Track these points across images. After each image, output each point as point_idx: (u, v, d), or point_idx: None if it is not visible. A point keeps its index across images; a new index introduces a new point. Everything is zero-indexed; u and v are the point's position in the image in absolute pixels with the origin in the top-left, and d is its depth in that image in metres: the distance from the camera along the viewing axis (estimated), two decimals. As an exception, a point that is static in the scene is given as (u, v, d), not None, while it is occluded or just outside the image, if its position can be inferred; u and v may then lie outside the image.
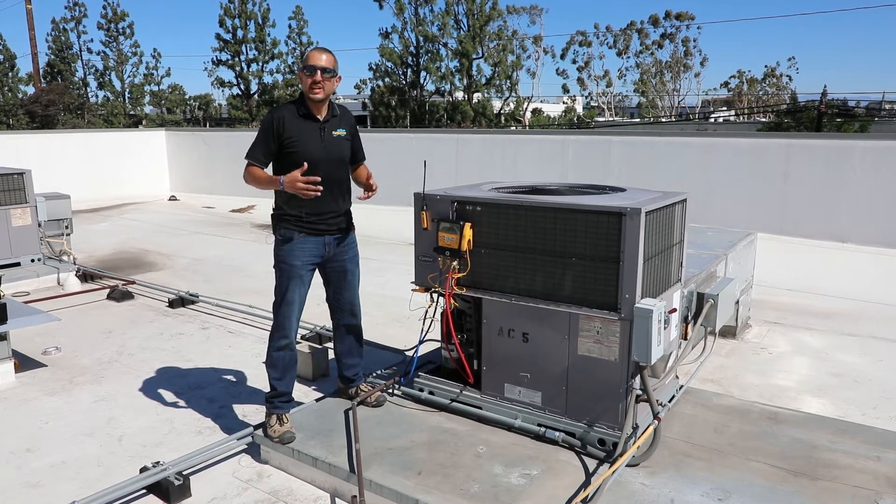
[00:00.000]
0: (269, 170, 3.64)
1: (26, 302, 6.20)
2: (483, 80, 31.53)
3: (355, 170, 3.95)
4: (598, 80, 45.51)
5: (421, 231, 3.83)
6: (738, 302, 5.37)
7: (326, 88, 3.57)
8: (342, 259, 3.83)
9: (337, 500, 3.34)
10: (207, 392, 4.66)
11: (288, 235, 3.64)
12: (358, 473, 3.21)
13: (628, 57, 44.70)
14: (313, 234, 3.67)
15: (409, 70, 31.82)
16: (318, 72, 3.53)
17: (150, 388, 4.73)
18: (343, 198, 3.77)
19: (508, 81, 32.06)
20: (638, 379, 3.35)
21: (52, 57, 35.09)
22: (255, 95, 35.91)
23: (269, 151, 3.57)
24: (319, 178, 3.45)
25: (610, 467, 3.19)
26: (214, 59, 35.21)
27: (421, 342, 4.07)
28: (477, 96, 31.42)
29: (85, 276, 7.78)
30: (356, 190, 3.96)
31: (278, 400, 3.70)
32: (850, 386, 4.77)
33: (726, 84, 47.22)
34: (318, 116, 3.63)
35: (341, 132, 3.73)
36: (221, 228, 11.76)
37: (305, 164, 3.44)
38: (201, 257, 9.24)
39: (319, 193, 3.47)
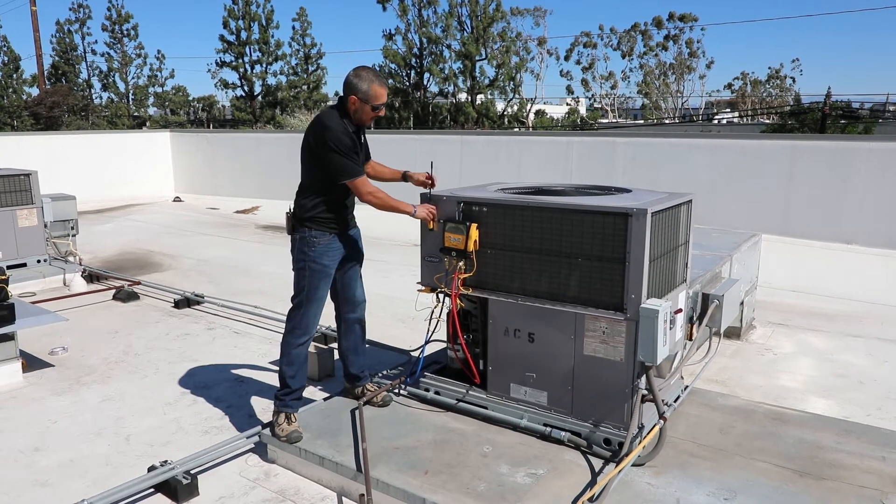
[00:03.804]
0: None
1: (33, 302, 6.23)
2: (486, 82, 31.56)
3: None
4: (603, 81, 45.53)
5: (427, 232, 3.85)
6: (742, 303, 5.37)
7: None
8: (358, 252, 3.93)
9: (344, 499, 3.36)
10: (214, 392, 4.68)
11: (321, 236, 3.69)
12: (365, 472, 3.23)
13: (632, 59, 44.70)
14: (343, 232, 3.77)
15: (413, 72, 31.88)
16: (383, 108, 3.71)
17: (157, 388, 4.75)
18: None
19: (512, 83, 32.09)
20: (643, 379, 3.36)
21: (57, 59, 35.24)
22: (259, 97, 35.99)
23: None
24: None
25: (616, 467, 3.20)
26: (218, 60, 35.36)
27: (427, 342, 4.09)
28: (480, 98, 31.44)
29: (91, 277, 7.81)
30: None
31: (289, 398, 3.73)
32: (855, 387, 4.78)
33: (730, 86, 47.22)
34: (358, 129, 3.76)
35: (363, 139, 3.85)
36: (226, 229, 11.79)
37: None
38: (206, 258, 9.26)
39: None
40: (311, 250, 3.69)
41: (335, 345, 5.16)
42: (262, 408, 4.37)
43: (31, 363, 5.17)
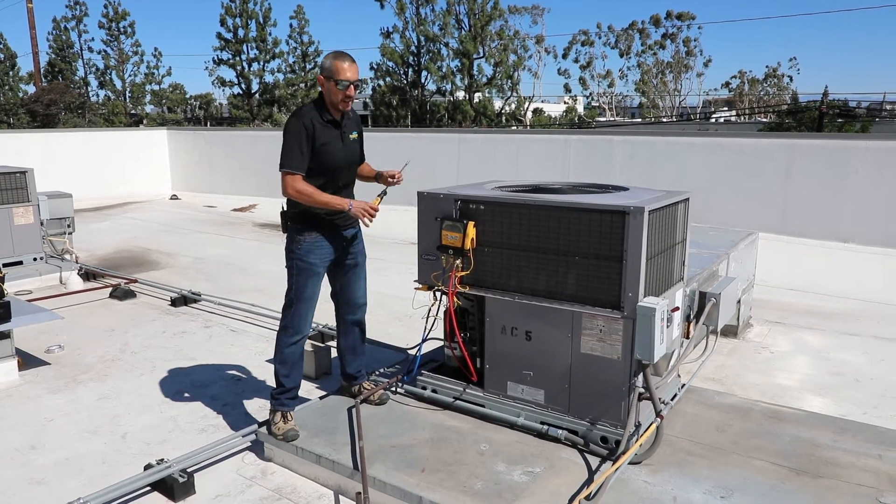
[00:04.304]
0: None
1: (29, 300, 6.21)
2: (484, 80, 31.54)
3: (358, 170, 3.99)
4: (601, 79, 45.55)
5: (425, 229, 3.85)
6: (739, 301, 5.38)
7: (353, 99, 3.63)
8: (354, 253, 3.89)
9: (340, 497, 3.35)
10: (210, 390, 4.67)
11: (307, 234, 3.66)
12: (362, 470, 3.23)
13: (630, 57, 44.73)
14: (331, 231, 3.71)
15: (411, 70, 31.85)
16: (352, 86, 3.55)
17: (153, 386, 4.74)
18: (353, 196, 3.82)
19: (510, 81, 32.08)
20: (640, 377, 3.36)
21: (53, 56, 35.12)
22: (256, 95, 35.92)
23: (306, 159, 3.54)
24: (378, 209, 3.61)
25: (612, 465, 3.21)
26: (215, 58, 35.28)
27: (424, 340, 4.08)
28: (478, 96, 31.42)
29: (87, 275, 7.80)
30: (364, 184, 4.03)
31: (284, 396, 3.72)
32: (852, 385, 4.78)
33: (727, 84, 47.31)
34: (339, 121, 3.68)
35: (353, 135, 3.78)
36: (223, 227, 11.77)
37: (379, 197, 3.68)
38: (203, 256, 9.25)
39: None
40: (297, 248, 3.67)
41: (332, 343, 5.16)
42: (259, 406, 4.36)
43: (28, 361, 5.15)
